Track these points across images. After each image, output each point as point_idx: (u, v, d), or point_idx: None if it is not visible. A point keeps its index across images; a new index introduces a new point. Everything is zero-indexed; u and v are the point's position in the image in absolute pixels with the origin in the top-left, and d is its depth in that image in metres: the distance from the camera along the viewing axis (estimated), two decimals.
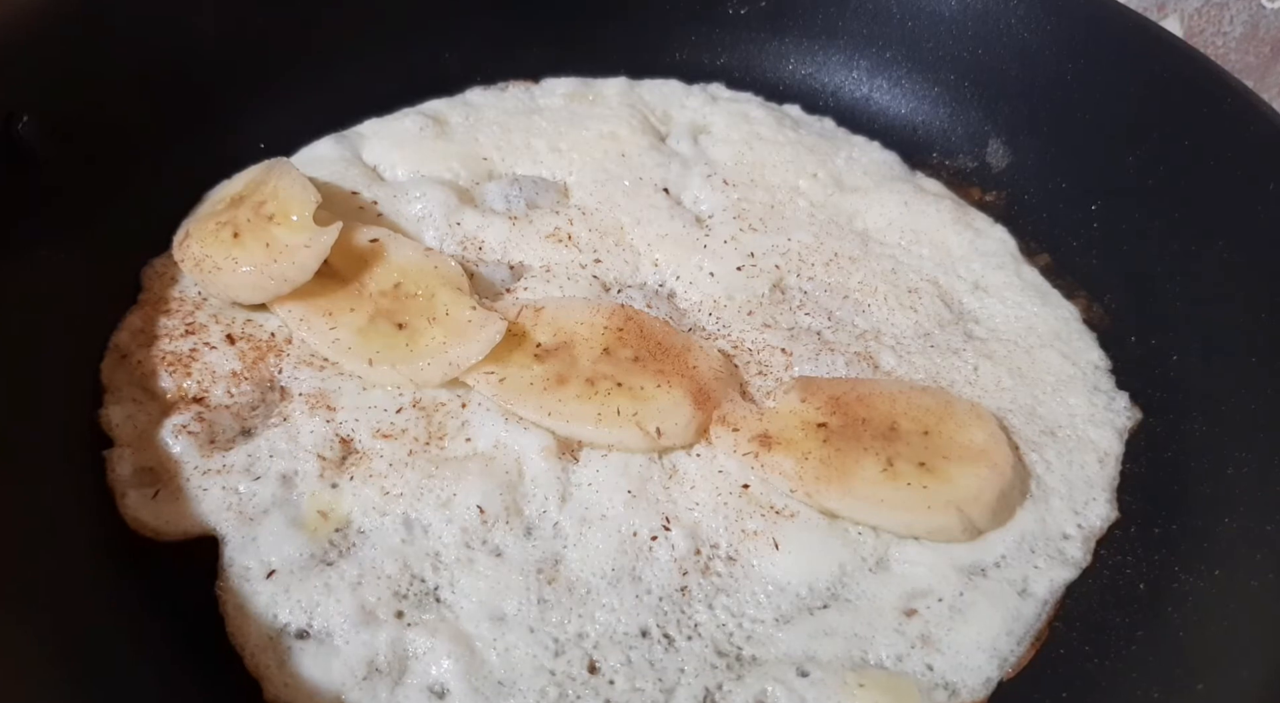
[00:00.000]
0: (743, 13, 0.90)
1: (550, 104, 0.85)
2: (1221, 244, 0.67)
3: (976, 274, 0.76)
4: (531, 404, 0.62)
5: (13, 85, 0.63)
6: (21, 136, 0.62)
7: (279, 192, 0.68)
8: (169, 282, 0.69)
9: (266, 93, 0.77)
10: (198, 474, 0.59)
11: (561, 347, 0.64)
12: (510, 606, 0.55)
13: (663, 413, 0.61)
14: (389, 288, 0.66)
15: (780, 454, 0.60)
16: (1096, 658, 0.56)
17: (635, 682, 0.53)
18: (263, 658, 0.53)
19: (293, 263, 0.64)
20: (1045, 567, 0.59)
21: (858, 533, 0.60)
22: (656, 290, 0.72)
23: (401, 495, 0.59)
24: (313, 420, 0.62)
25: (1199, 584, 0.56)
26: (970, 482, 0.59)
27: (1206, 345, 0.66)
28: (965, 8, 0.84)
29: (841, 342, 0.69)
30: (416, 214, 0.74)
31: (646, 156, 0.80)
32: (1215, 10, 0.99)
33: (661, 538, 0.58)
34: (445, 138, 0.81)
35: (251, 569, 0.56)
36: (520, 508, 0.59)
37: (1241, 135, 0.67)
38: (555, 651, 0.54)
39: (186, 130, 0.73)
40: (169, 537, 0.58)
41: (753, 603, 0.57)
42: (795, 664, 0.54)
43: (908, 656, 0.55)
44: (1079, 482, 0.63)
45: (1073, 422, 0.66)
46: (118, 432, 0.61)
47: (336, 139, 0.80)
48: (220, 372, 0.64)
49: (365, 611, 0.54)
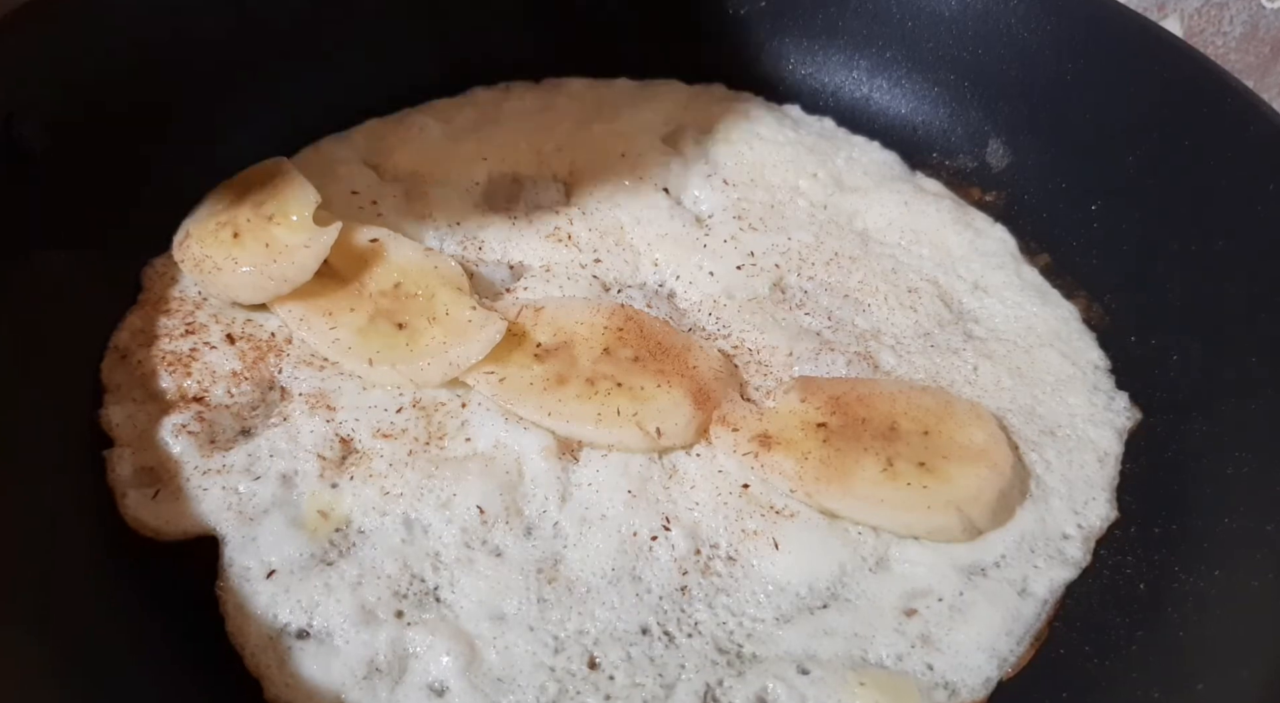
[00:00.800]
0: (742, 13, 0.90)
1: (551, 104, 0.85)
2: (1221, 244, 0.67)
3: (976, 274, 0.76)
4: (531, 404, 0.62)
5: (13, 85, 0.63)
6: (21, 136, 0.62)
7: (279, 192, 0.68)
8: (169, 282, 0.69)
9: (266, 93, 0.77)
10: (198, 474, 0.59)
11: (561, 347, 0.65)
12: (510, 604, 0.55)
13: (663, 413, 0.61)
14: (389, 288, 0.66)
15: (780, 454, 0.60)
16: (1096, 658, 0.56)
17: (635, 678, 0.53)
18: (263, 658, 0.53)
19: (292, 263, 0.64)
20: (1045, 567, 0.59)
21: (858, 533, 0.60)
22: (656, 290, 0.72)
23: (401, 496, 0.59)
24: (313, 420, 0.62)
25: (1199, 584, 0.56)
26: (970, 482, 0.59)
27: (1206, 345, 0.66)
28: (965, 8, 0.84)
29: (841, 341, 0.69)
30: (417, 214, 0.74)
31: (646, 156, 0.80)
32: (1215, 10, 0.99)
33: (661, 538, 0.58)
34: (446, 138, 0.81)
35: (251, 569, 0.56)
36: (520, 508, 0.59)
37: (1241, 135, 0.67)
38: (555, 648, 0.54)
39: (186, 130, 0.73)
40: (169, 537, 0.58)
41: (753, 602, 0.57)
42: (796, 662, 0.54)
43: (908, 655, 0.55)
44: (1079, 482, 0.63)
45: (1072, 422, 0.66)
46: (118, 432, 0.61)
47: (336, 139, 0.80)
48: (220, 372, 0.64)
49: (365, 610, 0.54)
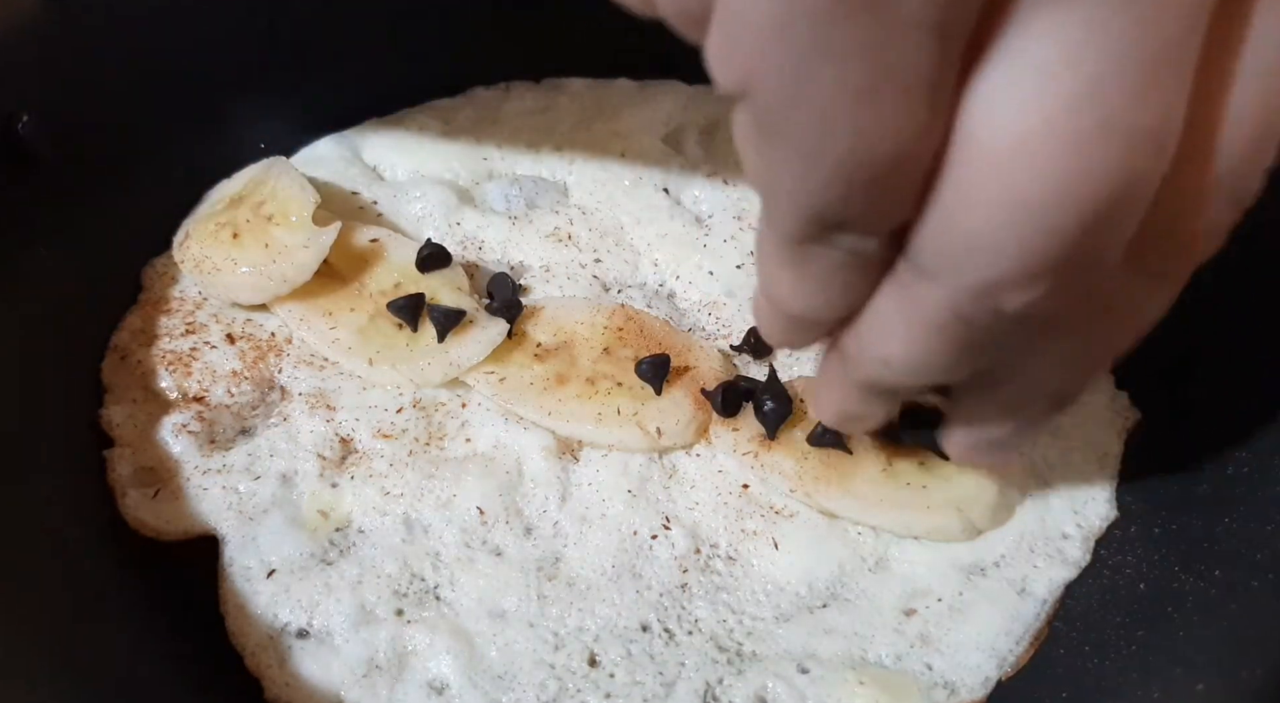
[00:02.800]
0: None
1: (551, 104, 0.85)
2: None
3: None
4: (531, 404, 0.62)
5: (13, 85, 0.63)
6: (21, 136, 0.62)
7: (278, 192, 0.68)
8: (169, 282, 0.69)
9: (266, 93, 0.77)
10: (198, 474, 0.59)
11: (561, 346, 0.65)
12: (510, 601, 0.55)
13: (663, 413, 0.61)
14: (389, 288, 0.66)
15: (780, 454, 0.60)
16: (1096, 658, 0.56)
17: (635, 675, 0.53)
18: (263, 657, 0.53)
19: (292, 263, 0.64)
20: (1045, 566, 0.59)
21: (857, 533, 0.60)
22: (656, 290, 0.72)
23: (402, 495, 0.59)
24: (313, 420, 0.62)
25: (1199, 584, 0.56)
26: (970, 482, 0.59)
27: (1206, 345, 0.66)
28: None
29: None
30: (416, 214, 0.74)
31: (647, 156, 0.80)
32: None
33: (661, 537, 0.58)
34: (445, 138, 0.81)
35: (251, 569, 0.56)
36: (520, 508, 0.59)
37: None
38: (555, 645, 0.54)
39: (186, 130, 0.73)
40: (169, 537, 0.58)
41: (753, 601, 0.57)
42: (795, 661, 0.54)
43: (907, 654, 0.55)
44: (1079, 482, 0.63)
45: (1072, 422, 0.66)
46: (118, 432, 0.61)
47: (336, 139, 0.80)
48: (220, 371, 0.64)
49: (365, 609, 0.55)
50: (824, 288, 0.36)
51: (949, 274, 0.32)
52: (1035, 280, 0.31)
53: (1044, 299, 0.31)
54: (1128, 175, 0.28)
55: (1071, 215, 0.28)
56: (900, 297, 0.34)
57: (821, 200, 0.31)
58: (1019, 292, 0.31)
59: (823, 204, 0.31)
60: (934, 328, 0.34)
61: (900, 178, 0.30)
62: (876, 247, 0.33)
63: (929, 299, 0.33)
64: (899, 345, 0.36)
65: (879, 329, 0.36)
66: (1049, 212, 0.28)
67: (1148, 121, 0.28)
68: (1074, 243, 0.29)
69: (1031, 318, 0.33)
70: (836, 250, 0.33)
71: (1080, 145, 0.27)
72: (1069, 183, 0.28)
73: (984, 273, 0.31)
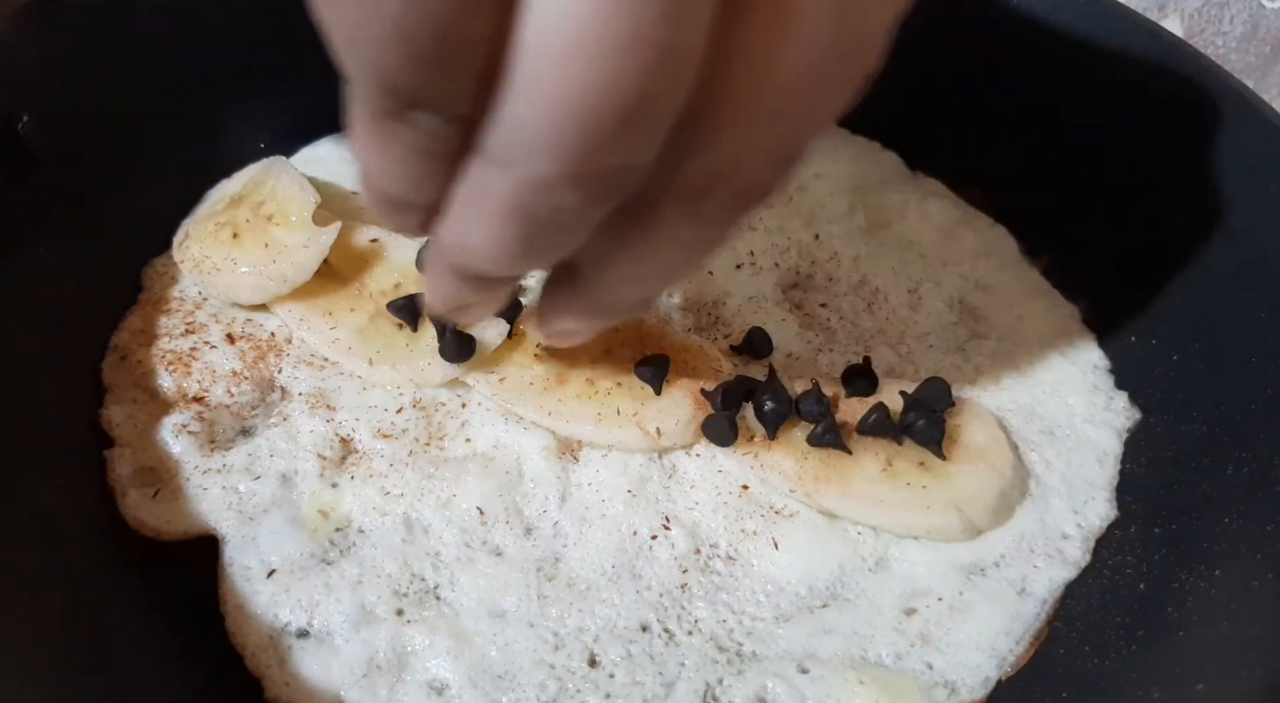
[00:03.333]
0: None
1: None
2: (1221, 244, 0.67)
3: (978, 274, 0.76)
4: (531, 404, 0.62)
5: (13, 85, 0.63)
6: (21, 137, 0.62)
7: (278, 192, 0.68)
8: (169, 282, 0.69)
9: (266, 93, 0.77)
10: (198, 474, 0.59)
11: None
12: (510, 601, 0.55)
13: (663, 413, 0.61)
14: (389, 288, 0.66)
15: (780, 454, 0.60)
16: (1096, 658, 0.56)
17: (635, 675, 0.53)
18: (263, 657, 0.53)
19: (292, 263, 0.64)
20: (1045, 566, 0.59)
21: (857, 533, 0.60)
22: None
23: (402, 496, 0.59)
24: (313, 420, 0.62)
25: (1199, 584, 0.56)
26: (970, 482, 0.59)
27: (1206, 345, 0.66)
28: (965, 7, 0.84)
29: (842, 341, 0.69)
30: None
31: None
32: (1215, 10, 0.99)
33: (661, 537, 0.58)
34: None
35: (251, 569, 0.56)
36: (520, 508, 0.59)
37: (1241, 135, 0.67)
38: (555, 645, 0.54)
39: (186, 130, 0.73)
40: (169, 537, 0.58)
41: (752, 601, 0.57)
42: (795, 661, 0.54)
43: (907, 654, 0.55)
44: (1078, 481, 0.63)
45: (1072, 421, 0.66)
46: (118, 432, 0.61)
47: (336, 139, 0.80)
48: (220, 371, 0.64)
49: (365, 609, 0.55)
50: (407, 168, 0.37)
51: (510, 166, 0.33)
52: (579, 180, 0.32)
53: (592, 200, 0.33)
54: (655, 85, 0.30)
55: (606, 118, 0.30)
56: (473, 185, 0.36)
57: (384, 65, 0.31)
58: (568, 189, 0.32)
59: (388, 71, 0.32)
60: (501, 218, 0.35)
61: (462, 53, 0.31)
62: (453, 132, 0.34)
63: (496, 189, 0.34)
64: (474, 234, 0.37)
65: (457, 216, 0.38)
66: (587, 113, 0.30)
67: (674, 39, 0.29)
68: (605, 147, 0.31)
69: (587, 218, 0.35)
70: (415, 131, 0.34)
71: (615, 53, 0.29)
72: (605, 88, 0.29)
73: (537, 167, 0.32)
